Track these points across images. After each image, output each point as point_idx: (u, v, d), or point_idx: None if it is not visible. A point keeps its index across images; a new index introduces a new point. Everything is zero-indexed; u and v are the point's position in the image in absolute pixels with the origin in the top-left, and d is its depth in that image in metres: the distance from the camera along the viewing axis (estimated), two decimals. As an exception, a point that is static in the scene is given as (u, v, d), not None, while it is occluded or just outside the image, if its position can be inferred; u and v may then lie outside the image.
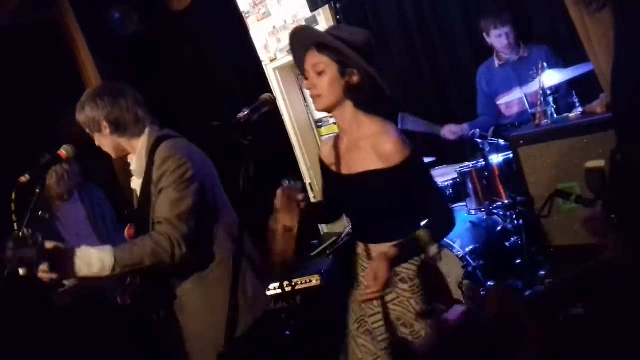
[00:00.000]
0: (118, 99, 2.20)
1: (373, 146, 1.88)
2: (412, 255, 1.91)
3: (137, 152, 2.23)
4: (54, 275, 1.93)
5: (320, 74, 1.89)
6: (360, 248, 2.04)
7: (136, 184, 2.30)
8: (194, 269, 2.16)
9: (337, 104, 1.91)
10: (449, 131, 3.84)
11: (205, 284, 2.17)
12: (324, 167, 2.11)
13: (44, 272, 1.91)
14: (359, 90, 1.89)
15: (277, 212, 1.89)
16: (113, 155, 2.30)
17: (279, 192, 1.90)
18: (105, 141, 2.25)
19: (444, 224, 1.93)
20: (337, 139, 2.05)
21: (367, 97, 1.91)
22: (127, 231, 2.24)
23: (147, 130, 2.23)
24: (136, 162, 2.24)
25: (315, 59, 1.89)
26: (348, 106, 1.92)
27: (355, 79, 1.88)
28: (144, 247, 2.01)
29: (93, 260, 1.97)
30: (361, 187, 1.93)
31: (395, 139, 1.86)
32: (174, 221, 2.04)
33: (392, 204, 1.92)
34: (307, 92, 2.03)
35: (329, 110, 1.94)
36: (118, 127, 2.20)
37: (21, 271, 1.89)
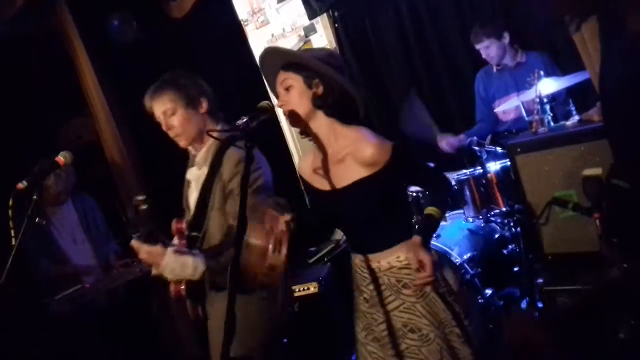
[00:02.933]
0: (195, 75, 2.32)
1: (354, 156, 1.89)
2: (434, 231, 1.96)
3: (207, 143, 2.25)
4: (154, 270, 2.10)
5: (287, 89, 1.94)
6: (358, 259, 2.02)
7: (194, 175, 2.30)
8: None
9: (309, 115, 1.93)
10: (446, 143, 3.87)
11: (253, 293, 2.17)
12: (306, 184, 2.09)
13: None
14: (326, 99, 1.92)
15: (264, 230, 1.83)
16: (187, 141, 2.27)
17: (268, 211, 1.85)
18: (195, 120, 2.23)
19: (445, 193, 2.01)
20: (316, 155, 2.03)
21: (335, 104, 1.92)
22: (176, 225, 2.25)
23: (221, 124, 2.27)
24: (204, 153, 2.25)
25: (283, 77, 1.95)
26: (320, 117, 1.94)
27: (321, 88, 1.92)
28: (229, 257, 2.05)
29: (187, 265, 2.09)
30: (353, 199, 1.92)
31: (373, 143, 1.88)
32: None
33: (387, 209, 1.92)
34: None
35: (304, 123, 1.95)
36: (212, 108, 2.26)
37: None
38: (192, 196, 2.31)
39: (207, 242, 2.23)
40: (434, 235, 3.27)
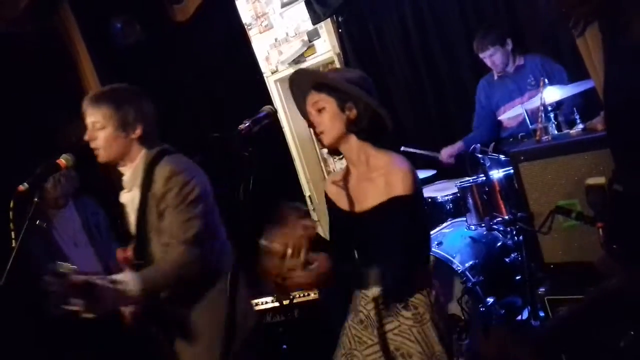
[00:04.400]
0: (145, 100, 2.22)
1: (386, 178, 1.88)
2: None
3: (135, 163, 2.18)
4: (88, 314, 1.90)
5: (320, 111, 1.92)
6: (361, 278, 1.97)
7: (127, 198, 2.23)
8: (197, 287, 2.14)
9: (341, 138, 1.93)
10: (447, 155, 3.92)
11: (208, 300, 2.14)
12: (330, 204, 2.08)
13: (79, 308, 1.87)
14: (359, 123, 1.91)
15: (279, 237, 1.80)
16: (105, 158, 2.20)
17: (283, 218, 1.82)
18: (121, 143, 2.16)
19: (397, 277, 1.85)
20: (345, 174, 2.03)
21: (368, 128, 1.92)
22: (123, 254, 2.18)
23: (147, 145, 2.20)
24: (132, 174, 2.18)
25: (315, 98, 1.93)
26: (353, 140, 1.94)
27: (354, 112, 1.91)
28: (166, 273, 2.02)
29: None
30: (373, 221, 1.90)
31: (404, 169, 1.87)
32: (189, 244, 2.03)
33: (406, 233, 1.87)
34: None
35: (335, 145, 1.95)
36: (147, 134, 2.18)
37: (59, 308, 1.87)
38: (131, 220, 2.24)
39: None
40: (437, 242, 3.29)
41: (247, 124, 1.75)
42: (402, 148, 3.88)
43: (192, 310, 2.14)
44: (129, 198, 2.21)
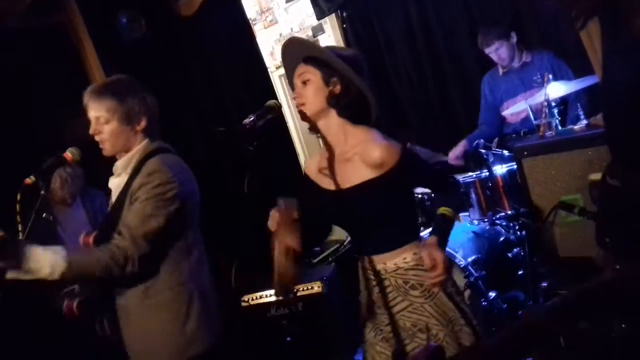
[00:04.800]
0: (147, 92, 2.20)
1: (361, 156, 1.87)
2: (449, 231, 1.93)
3: (131, 153, 2.16)
4: (11, 274, 1.84)
5: (305, 82, 1.91)
6: (364, 261, 2.00)
7: (114, 183, 2.21)
8: (141, 288, 2.08)
9: (321, 112, 1.91)
10: (455, 157, 3.91)
11: (149, 305, 2.08)
12: (310, 184, 2.06)
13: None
14: (342, 99, 1.90)
15: (276, 234, 1.80)
16: (111, 151, 2.17)
17: (274, 212, 1.82)
18: (126, 135, 2.13)
19: (454, 195, 2.01)
20: (323, 155, 2.01)
21: (351, 107, 1.90)
22: (84, 238, 2.13)
23: (155, 143, 2.19)
24: (124, 161, 2.15)
25: (301, 70, 1.93)
26: (332, 116, 1.92)
27: (338, 87, 1.89)
28: (100, 260, 1.94)
29: (43, 262, 1.87)
30: (359, 200, 1.90)
31: (382, 144, 1.85)
32: (138, 238, 1.97)
33: (393, 211, 1.91)
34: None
35: (314, 118, 1.93)
36: (150, 127, 2.16)
37: None
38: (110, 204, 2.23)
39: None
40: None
41: (252, 119, 1.76)
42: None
43: (143, 309, 2.09)
44: (116, 184, 2.19)
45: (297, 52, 1.96)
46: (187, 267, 2.12)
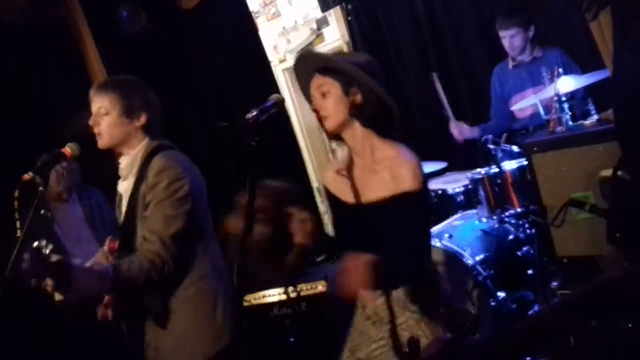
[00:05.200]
0: (150, 91, 2.24)
1: (390, 170, 1.82)
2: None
3: (134, 152, 2.18)
4: (58, 296, 1.89)
5: (324, 94, 1.87)
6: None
7: (123, 187, 2.24)
8: (173, 286, 2.12)
9: (345, 124, 1.88)
10: (459, 131, 3.86)
11: (177, 302, 2.12)
12: (330, 196, 2.02)
13: (50, 287, 1.86)
14: (364, 109, 1.86)
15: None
16: (106, 144, 2.19)
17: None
18: (124, 129, 2.16)
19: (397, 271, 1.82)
20: (347, 164, 1.96)
21: (374, 115, 1.86)
22: (110, 244, 2.15)
23: (156, 141, 2.20)
24: (129, 163, 2.19)
25: (319, 81, 1.88)
26: (357, 127, 1.88)
27: (359, 97, 1.85)
28: (142, 268, 1.99)
29: (91, 283, 1.92)
30: (381, 213, 1.84)
31: (412, 163, 1.82)
32: (167, 241, 2.02)
33: (412, 227, 1.83)
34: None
35: (338, 131, 1.89)
36: (150, 124, 2.19)
37: (32, 282, 1.85)
38: (122, 211, 2.25)
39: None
40: (447, 235, 3.25)
41: (255, 113, 1.72)
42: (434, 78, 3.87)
43: (170, 307, 2.12)
44: (125, 187, 2.21)
45: (310, 64, 1.92)
46: (207, 260, 2.16)
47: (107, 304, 2.11)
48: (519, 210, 3.20)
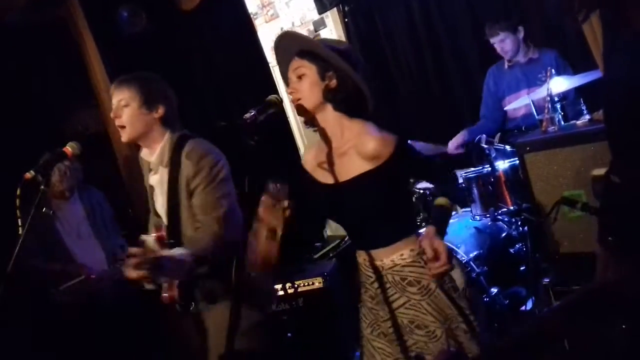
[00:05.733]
0: (168, 85, 2.32)
1: (357, 149, 1.86)
2: (447, 221, 1.92)
3: (160, 145, 2.24)
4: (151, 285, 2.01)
5: (300, 77, 1.90)
6: (362, 257, 2.00)
7: (155, 180, 2.29)
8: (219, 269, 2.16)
9: (317, 107, 1.90)
10: (454, 147, 3.90)
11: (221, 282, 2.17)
12: (307, 177, 2.05)
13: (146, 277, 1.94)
14: (338, 93, 1.89)
15: (260, 217, 1.79)
16: (129, 136, 2.25)
17: (264, 198, 1.80)
18: (144, 120, 2.23)
19: (451, 186, 2.03)
20: (320, 148, 2.00)
21: (347, 100, 1.89)
22: (158, 233, 2.15)
23: (176, 133, 2.28)
24: (158, 155, 2.25)
25: (296, 64, 1.91)
26: (329, 110, 1.91)
27: (334, 82, 1.88)
28: (207, 249, 2.06)
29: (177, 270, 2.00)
30: (355, 193, 1.89)
31: (376, 136, 1.85)
32: (220, 221, 2.11)
33: (389, 204, 1.89)
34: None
35: (311, 113, 1.92)
36: (168, 116, 2.26)
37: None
38: (159, 201, 2.30)
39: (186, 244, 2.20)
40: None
41: (253, 113, 1.75)
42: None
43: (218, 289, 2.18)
44: (158, 179, 2.27)
45: (291, 46, 1.94)
46: (243, 231, 2.21)
47: (171, 286, 2.17)
48: (512, 208, 3.25)
